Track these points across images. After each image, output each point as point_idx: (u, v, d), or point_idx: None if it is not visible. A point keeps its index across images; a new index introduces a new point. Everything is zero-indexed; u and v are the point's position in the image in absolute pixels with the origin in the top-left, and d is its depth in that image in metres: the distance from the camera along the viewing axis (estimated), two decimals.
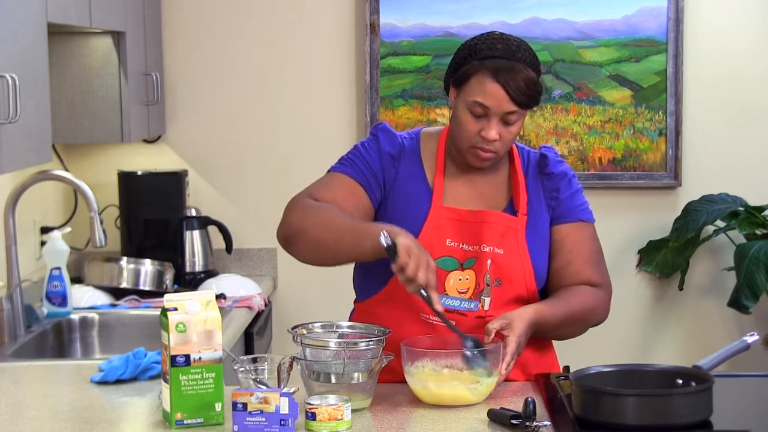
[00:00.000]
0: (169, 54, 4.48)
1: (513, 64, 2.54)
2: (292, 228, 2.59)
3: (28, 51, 2.94)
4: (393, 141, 2.69)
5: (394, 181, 2.66)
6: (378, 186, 2.66)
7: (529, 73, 2.55)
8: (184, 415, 2.31)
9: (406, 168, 2.67)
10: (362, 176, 2.65)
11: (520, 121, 2.59)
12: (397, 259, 2.40)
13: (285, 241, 2.62)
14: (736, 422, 2.31)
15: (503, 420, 2.29)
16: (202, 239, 4.32)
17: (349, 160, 2.69)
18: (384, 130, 2.71)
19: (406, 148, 2.69)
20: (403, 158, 2.68)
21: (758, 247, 4.15)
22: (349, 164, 2.67)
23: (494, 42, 2.57)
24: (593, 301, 2.68)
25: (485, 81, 2.54)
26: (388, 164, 2.66)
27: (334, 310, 3.47)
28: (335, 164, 2.71)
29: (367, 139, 2.72)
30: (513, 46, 2.56)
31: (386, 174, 2.66)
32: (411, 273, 2.40)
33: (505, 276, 2.62)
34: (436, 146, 2.69)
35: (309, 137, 4.50)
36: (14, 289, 3.37)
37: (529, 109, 2.59)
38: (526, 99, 2.55)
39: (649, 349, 4.57)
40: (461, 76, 2.58)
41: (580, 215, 2.71)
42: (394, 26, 4.46)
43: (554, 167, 2.72)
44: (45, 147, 3.08)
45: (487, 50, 2.56)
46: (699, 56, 4.46)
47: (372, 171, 2.65)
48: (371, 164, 2.66)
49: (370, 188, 2.65)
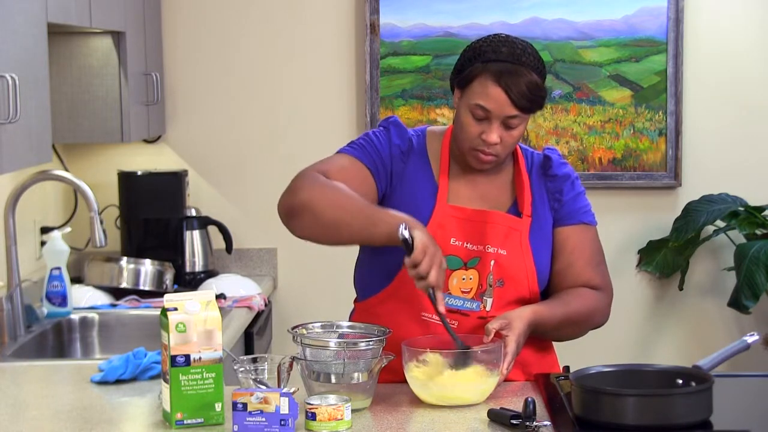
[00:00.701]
0: (169, 54, 4.48)
1: (516, 68, 2.53)
2: (299, 200, 2.51)
3: (28, 51, 2.94)
4: (403, 135, 2.69)
5: (401, 176, 2.65)
6: (386, 174, 2.65)
7: (533, 77, 2.54)
8: (184, 415, 2.31)
9: (414, 164, 2.67)
10: (371, 162, 2.63)
11: (523, 125, 2.58)
12: (412, 253, 2.40)
13: (288, 212, 2.53)
14: (736, 422, 2.30)
15: (503, 420, 2.29)
16: (202, 239, 4.33)
17: (359, 144, 2.67)
18: (395, 123, 2.70)
19: (414, 145, 2.69)
20: (411, 154, 2.67)
21: (758, 247, 4.15)
22: (360, 148, 2.65)
23: (499, 45, 2.56)
24: (593, 303, 2.68)
25: (488, 84, 2.54)
26: (398, 157, 2.66)
27: (334, 310, 3.47)
28: (345, 146, 2.68)
29: (378, 129, 2.70)
30: (518, 50, 2.56)
31: (394, 165, 2.65)
32: (424, 271, 2.39)
33: (507, 277, 2.62)
34: (440, 146, 2.69)
35: (309, 137, 4.50)
36: (14, 289, 3.37)
37: (531, 114, 2.58)
38: (528, 103, 2.54)
39: (649, 349, 4.57)
40: (465, 78, 2.58)
41: (582, 218, 2.71)
42: (394, 26, 4.46)
43: (558, 169, 2.72)
44: (45, 147, 3.08)
45: (491, 53, 2.55)
46: (699, 56, 4.46)
47: (381, 158, 2.64)
48: (381, 152, 2.65)
49: (377, 175, 2.63)
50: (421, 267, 2.39)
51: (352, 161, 2.63)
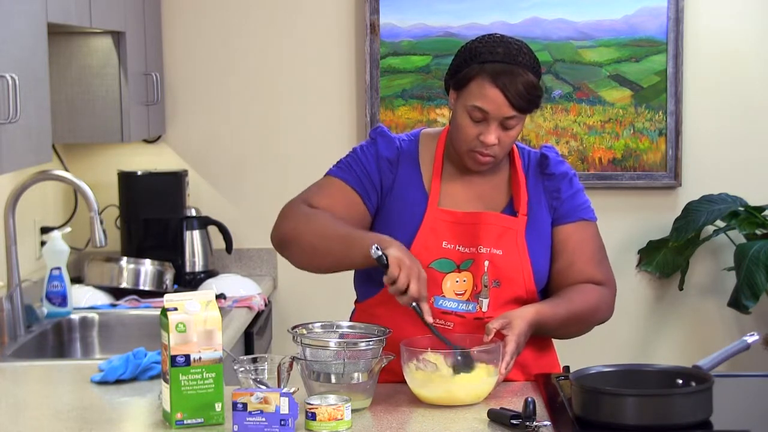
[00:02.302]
0: (169, 54, 4.48)
1: (513, 69, 2.53)
2: (285, 234, 2.63)
3: (28, 51, 2.94)
4: (391, 145, 2.69)
5: (391, 187, 2.66)
6: (375, 192, 2.66)
7: (529, 77, 2.54)
8: (184, 415, 2.31)
9: (404, 173, 2.67)
10: (359, 182, 2.65)
11: (520, 125, 2.59)
12: (388, 270, 2.41)
13: (279, 246, 2.67)
14: (736, 422, 2.31)
15: (503, 420, 2.29)
16: (202, 239, 4.33)
17: (346, 164, 2.69)
18: (382, 134, 2.71)
19: (404, 152, 2.68)
20: (401, 163, 2.67)
21: (758, 247, 4.15)
22: (347, 169, 2.67)
23: (495, 45, 2.56)
24: (597, 299, 2.67)
25: (485, 85, 2.53)
26: (386, 169, 2.66)
27: (334, 310, 3.47)
28: (332, 167, 2.71)
29: (365, 143, 2.72)
30: (514, 50, 2.55)
31: (383, 179, 2.66)
32: (402, 285, 2.42)
33: (503, 277, 2.62)
34: (435, 148, 2.69)
35: (309, 137, 4.50)
36: (14, 289, 3.37)
37: (528, 113, 2.58)
38: (525, 104, 2.54)
39: (649, 349, 4.57)
40: (461, 80, 2.58)
41: (582, 214, 2.71)
42: (394, 26, 4.46)
43: (555, 167, 2.71)
44: (45, 147, 3.08)
45: (487, 54, 2.55)
46: (699, 56, 4.46)
47: (369, 176, 2.66)
48: (368, 169, 2.66)
49: (366, 195, 2.65)
50: (399, 282, 2.42)
51: (339, 185, 2.67)
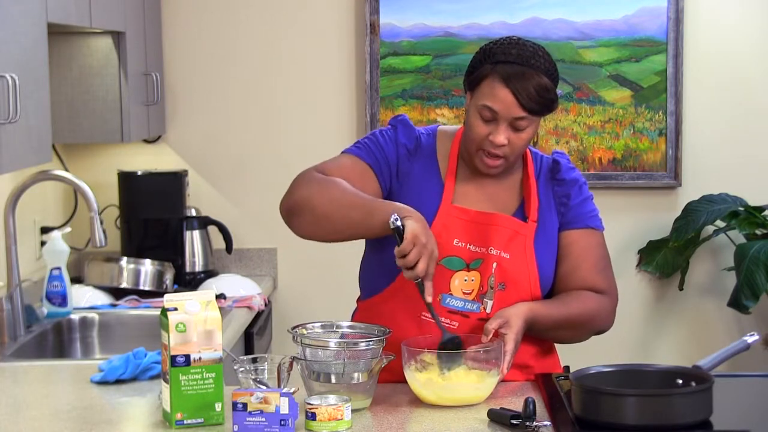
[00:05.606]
0: (169, 54, 4.48)
1: (525, 70, 2.52)
2: (298, 201, 2.55)
3: (28, 51, 2.94)
4: (411, 134, 2.69)
5: (408, 175, 2.65)
6: (389, 173, 2.65)
7: (543, 79, 2.53)
8: (184, 415, 2.31)
9: (422, 164, 2.67)
10: (374, 160, 2.64)
11: (532, 128, 2.58)
12: (402, 244, 2.40)
13: (288, 211, 2.58)
14: (736, 422, 2.31)
15: (503, 420, 2.29)
16: (202, 239, 4.33)
17: (364, 144, 2.68)
18: (403, 122, 2.71)
19: (422, 145, 2.68)
20: (419, 154, 2.67)
21: (758, 247, 4.15)
22: (364, 148, 2.67)
23: (509, 47, 2.56)
24: (595, 306, 2.67)
25: (495, 85, 2.54)
26: (404, 156, 2.66)
27: (334, 310, 3.47)
28: (350, 146, 2.70)
29: (385, 128, 2.71)
30: (528, 52, 2.55)
31: (400, 165, 2.66)
32: (410, 262, 2.40)
33: (509, 280, 2.62)
34: (450, 146, 2.69)
35: (309, 137, 4.50)
36: (14, 289, 3.37)
37: (540, 116, 2.58)
38: (536, 105, 2.53)
39: (649, 349, 4.57)
40: (474, 80, 2.58)
41: (589, 222, 2.71)
42: (394, 26, 4.46)
43: (566, 173, 2.71)
44: (45, 147, 3.08)
45: (500, 55, 2.55)
46: (699, 56, 4.46)
47: (386, 157, 2.65)
48: (386, 151, 2.65)
49: (380, 173, 2.64)
50: (409, 257, 2.40)
51: (354, 160, 2.65)
